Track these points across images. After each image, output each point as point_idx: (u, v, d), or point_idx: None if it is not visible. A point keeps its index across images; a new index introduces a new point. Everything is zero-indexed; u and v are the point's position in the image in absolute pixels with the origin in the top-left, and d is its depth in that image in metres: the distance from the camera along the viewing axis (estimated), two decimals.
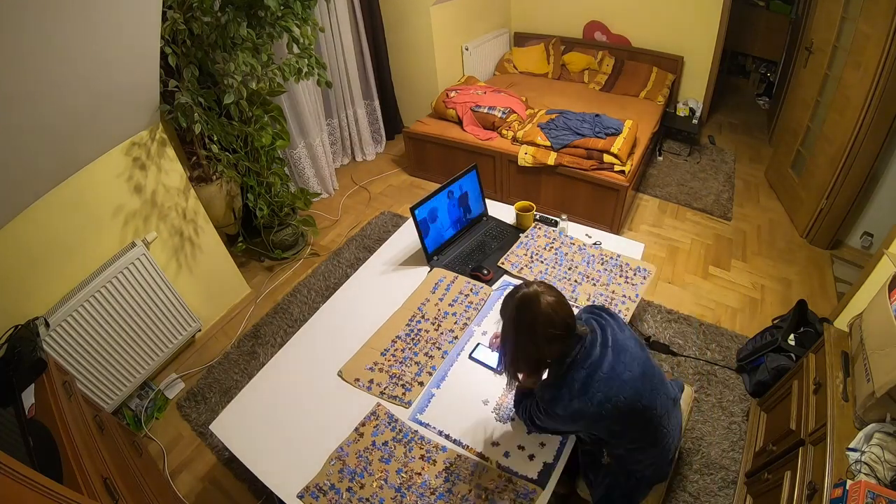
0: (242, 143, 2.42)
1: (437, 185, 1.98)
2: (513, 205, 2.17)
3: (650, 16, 4.02)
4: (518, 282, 1.87)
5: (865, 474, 1.15)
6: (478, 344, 1.64)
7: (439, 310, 1.76)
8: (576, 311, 1.18)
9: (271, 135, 2.52)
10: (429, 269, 1.96)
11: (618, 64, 4.18)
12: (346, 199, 3.57)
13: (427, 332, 1.69)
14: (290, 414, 1.49)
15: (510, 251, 2.00)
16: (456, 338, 1.67)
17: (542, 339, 1.08)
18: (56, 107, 1.49)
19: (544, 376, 1.21)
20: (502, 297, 1.19)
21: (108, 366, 1.98)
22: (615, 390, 1.09)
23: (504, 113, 3.27)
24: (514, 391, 1.35)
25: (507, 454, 1.35)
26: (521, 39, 4.65)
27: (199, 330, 2.43)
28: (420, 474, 1.30)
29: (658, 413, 1.20)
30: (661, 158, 3.81)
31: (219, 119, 2.25)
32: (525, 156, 3.02)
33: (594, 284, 1.83)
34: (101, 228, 1.93)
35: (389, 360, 1.61)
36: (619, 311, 1.73)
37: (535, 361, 1.17)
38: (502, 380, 1.53)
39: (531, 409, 1.22)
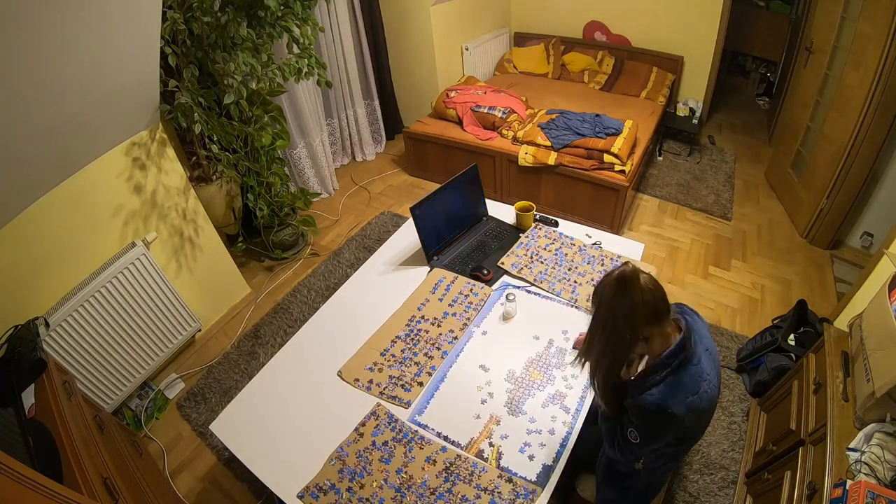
0: (242, 143, 2.42)
1: (437, 185, 1.98)
2: (513, 205, 2.17)
3: (650, 16, 4.02)
4: (519, 281, 1.88)
5: (865, 474, 1.15)
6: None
7: (439, 310, 1.76)
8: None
9: (271, 135, 2.52)
10: (429, 269, 1.96)
11: (618, 64, 4.18)
12: (346, 199, 3.57)
13: (427, 332, 1.69)
14: (290, 414, 1.49)
15: (510, 251, 2.00)
16: (456, 338, 1.66)
17: (642, 320, 1.02)
18: (56, 107, 1.49)
19: (639, 371, 1.13)
20: (598, 286, 1.12)
21: (108, 366, 1.98)
22: (710, 384, 1.06)
23: (504, 113, 3.27)
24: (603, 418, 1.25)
25: (506, 454, 1.35)
26: (521, 39, 4.65)
27: (199, 330, 2.43)
28: (420, 474, 1.30)
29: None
30: (661, 158, 3.81)
31: (219, 119, 2.25)
32: (525, 156, 3.02)
33: (594, 285, 1.83)
34: (101, 228, 1.93)
35: (389, 361, 1.60)
36: None
37: (627, 349, 1.07)
38: (501, 380, 1.53)
39: (626, 425, 1.13)
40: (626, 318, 1.03)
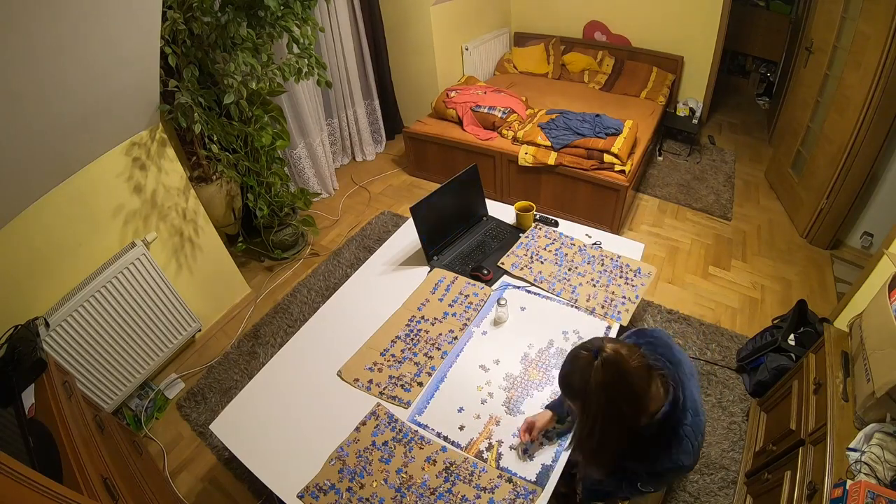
0: (242, 143, 2.42)
1: (437, 185, 1.98)
2: (513, 205, 2.17)
3: (650, 16, 4.02)
4: (519, 281, 1.88)
5: (865, 474, 1.15)
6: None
7: (439, 310, 1.76)
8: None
9: (271, 135, 2.52)
10: (429, 269, 1.96)
11: (618, 64, 4.18)
12: (346, 199, 3.57)
13: (427, 332, 1.69)
14: (290, 414, 1.49)
15: (510, 251, 2.00)
16: (456, 338, 1.67)
17: (642, 402, 0.99)
18: (56, 107, 1.49)
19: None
20: (561, 372, 1.05)
21: (108, 366, 1.98)
22: (702, 416, 1.09)
23: (504, 113, 3.27)
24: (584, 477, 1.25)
25: (506, 454, 1.35)
26: (521, 39, 4.65)
27: (199, 330, 2.43)
28: (420, 474, 1.30)
29: None
30: (661, 158, 3.81)
31: (219, 119, 2.25)
32: (525, 156, 3.02)
33: (594, 285, 1.83)
34: (101, 228, 1.93)
35: (389, 361, 1.61)
36: (619, 311, 1.73)
37: (632, 423, 1.01)
38: (500, 380, 1.53)
39: (635, 481, 1.13)
40: (628, 399, 0.99)
